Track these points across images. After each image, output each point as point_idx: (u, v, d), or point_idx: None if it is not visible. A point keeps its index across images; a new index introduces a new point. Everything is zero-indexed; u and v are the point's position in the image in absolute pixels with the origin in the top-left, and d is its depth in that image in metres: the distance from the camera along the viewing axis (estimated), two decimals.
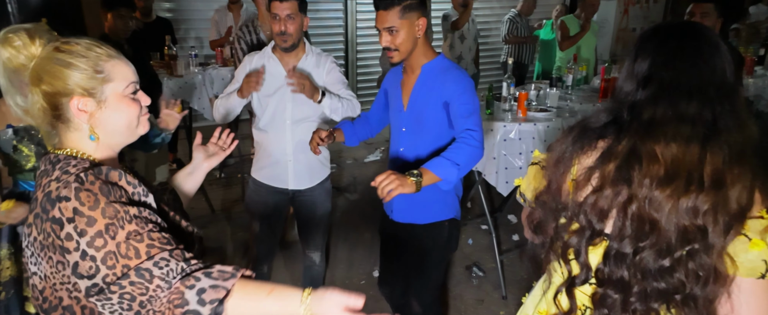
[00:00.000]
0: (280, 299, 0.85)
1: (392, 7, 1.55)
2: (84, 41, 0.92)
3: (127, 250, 0.82)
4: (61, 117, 0.92)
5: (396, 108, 1.76)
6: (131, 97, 0.95)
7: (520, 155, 2.67)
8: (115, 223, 0.82)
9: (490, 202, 3.68)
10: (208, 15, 4.50)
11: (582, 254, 0.94)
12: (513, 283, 2.80)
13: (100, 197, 0.83)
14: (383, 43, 1.60)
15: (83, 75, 0.89)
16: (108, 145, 0.96)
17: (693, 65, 0.89)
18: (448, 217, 1.78)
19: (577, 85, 3.60)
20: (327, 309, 0.84)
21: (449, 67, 1.65)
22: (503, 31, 4.88)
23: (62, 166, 0.89)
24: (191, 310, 0.81)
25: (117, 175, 0.89)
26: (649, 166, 0.86)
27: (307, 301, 0.84)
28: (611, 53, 6.13)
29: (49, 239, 0.84)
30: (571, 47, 4.17)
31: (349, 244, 3.17)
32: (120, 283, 0.80)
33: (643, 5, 6.40)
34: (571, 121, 2.74)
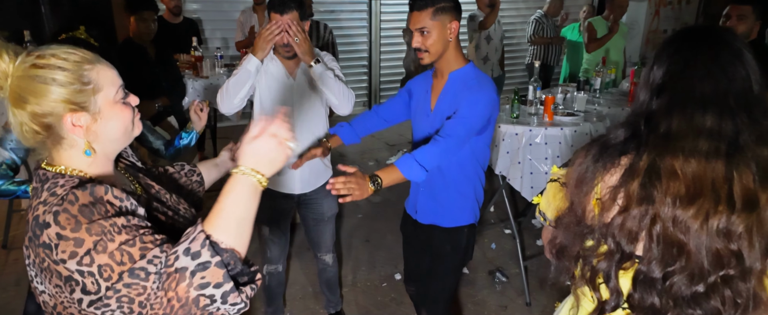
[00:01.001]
0: (233, 192, 0.82)
1: (426, 8, 1.55)
2: (59, 50, 0.85)
3: (122, 256, 0.79)
4: (54, 136, 0.87)
5: (422, 111, 1.75)
6: (123, 102, 0.92)
7: (545, 160, 2.63)
8: (104, 239, 0.79)
9: (514, 207, 3.63)
10: (233, 16, 4.55)
11: (612, 279, 0.89)
12: (537, 289, 2.75)
13: (81, 219, 0.79)
14: (414, 43, 1.60)
15: (71, 89, 0.84)
16: (104, 154, 0.93)
17: (707, 74, 0.85)
18: (468, 222, 1.79)
19: (605, 89, 3.52)
20: (258, 153, 0.82)
21: (475, 77, 1.63)
22: (529, 31, 4.80)
23: (50, 186, 0.85)
24: (196, 268, 0.76)
25: (102, 190, 0.85)
26: (668, 183, 0.81)
27: (244, 169, 0.82)
28: (641, 55, 5.98)
29: (44, 263, 0.83)
30: (598, 49, 4.08)
31: (371, 246, 3.16)
32: (115, 287, 0.78)
33: (674, 6, 6.22)
34: (600, 126, 2.73)
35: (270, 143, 0.83)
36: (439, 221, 1.79)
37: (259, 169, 0.83)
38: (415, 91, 1.82)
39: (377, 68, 6.05)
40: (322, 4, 5.47)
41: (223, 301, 0.77)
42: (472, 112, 1.56)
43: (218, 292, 0.77)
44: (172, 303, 0.76)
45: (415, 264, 2.00)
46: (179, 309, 0.76)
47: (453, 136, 1.53)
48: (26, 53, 0.85)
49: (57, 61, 0.84)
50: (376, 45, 5.92)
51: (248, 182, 0.82)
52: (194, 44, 3.81)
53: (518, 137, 2.62)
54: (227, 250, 0.79)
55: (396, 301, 2.65)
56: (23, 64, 0.84)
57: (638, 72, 3.42)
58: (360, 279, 2.84)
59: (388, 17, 5.85)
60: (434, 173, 1.70)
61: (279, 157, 0.84)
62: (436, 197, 1.76)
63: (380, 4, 5.78)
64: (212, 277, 0.76)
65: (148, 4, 2.75)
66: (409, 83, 1.86)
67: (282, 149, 0.84)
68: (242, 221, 0.82)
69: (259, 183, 0.83)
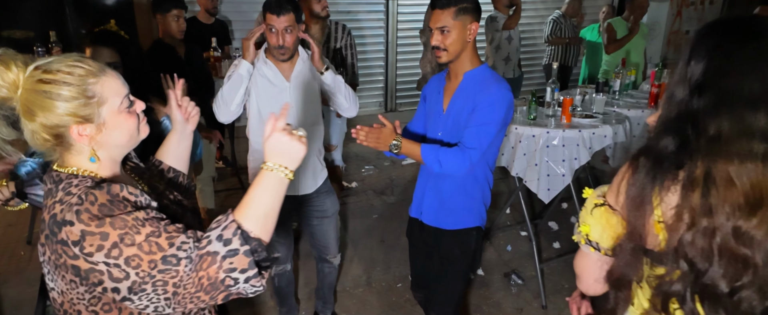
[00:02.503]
0: (261, 186, 0.89)
1: (448, 7, 1.57)
2: (64, 62, 0.89)
3: (150, 247, 0.84)
4: (64, 143, 0.93)
5: (435, 112, 1.76)
6: (127, 111, 0.96)
7: (563, 162, 2.60)
8: (130, 232, 0.84)
9: (531, 209, 3.60)
10: (252, 17, 4.60)
11: (687, 301, 0.83)
12: (554, 292, 2.72)
13: (103, 215, 0.85)
14: (433, 41, 1.62)
15: (76, 103, 0.88)
16: (111, 158, 0.98)
17: (754, 69, 0.78)
18: (475, 224, 1.79)
19: (625, 90, 3.47)
20: (279, 149, 0.90)
21: (489, 77, 1.64)
22: (546, 31, 4.76)
23: (64, 186, 0.90)
24: (226, 253, 0.83)
25: (118, 188, 0.90)
26: (725, 191, 0.75)
27: (270, 165, 0.90)
28: (662, 57, 5.87)
29: (60, 260, 0.87)
30: (618, 51, 4.02)
31: (386, 247, 3.16)
32: (151, 274, 0.84)
33: (697, 7, 6.10)
34: (619, 129, 2.69)
35: (284, 138, 0.90)
36: (445, 223, 1.78)
37: (282, 163, 0.90)
38: (428, 94, 1.83)
39: (393, 69, 6.05)
40: (339, 5, 5.49)
41: (245, 283, 0.86)
42: (491, 118, 1.57)
43: (242, 277, 0.85)
44: (202, 281, 0.84)
45: (422, 269, 1.99)
46: (208, 286, 0.84)
47: (477, 149, 1.58)
48: (34, 66, 0.89)
49: (63, 77, 0.88)
50: (392, 46, 5.92)
51: (275, 177, 0.90)
52: (213, 44, 3.86)
53: (535, 139, 2.60)
54: (255, 239, 0.87)
55: (411, 302, 2.65)
56: (31, 78, 0.88)
57: (659, 74, 3.36)
58: (375, 279, 2.85)
59: (405, 18, 5.85)
60: (443, 175, 1.70)
61: (296, 148, 0.91)
62: (443, 198, 1.76)
63: (397, 5, 5.78)
64: (239, 263, 0.84)
65: (176, 2, 2.80)
66: (424, 89, 1.87)
67: (296, 140, 0.90)
68: (269, 213, 0.90)
69: (286, 177, 0.90)
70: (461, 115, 1.66)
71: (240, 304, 2.54)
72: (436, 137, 1.74)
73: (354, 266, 2.96)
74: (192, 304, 0.86)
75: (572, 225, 3.56)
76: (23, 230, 3.19)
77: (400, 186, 4.10)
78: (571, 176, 2.60)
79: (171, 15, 2.76)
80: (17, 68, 0.88)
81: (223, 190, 3.82)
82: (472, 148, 1.58)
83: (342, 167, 3.38)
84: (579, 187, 3.84)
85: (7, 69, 0.87)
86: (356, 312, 2.58)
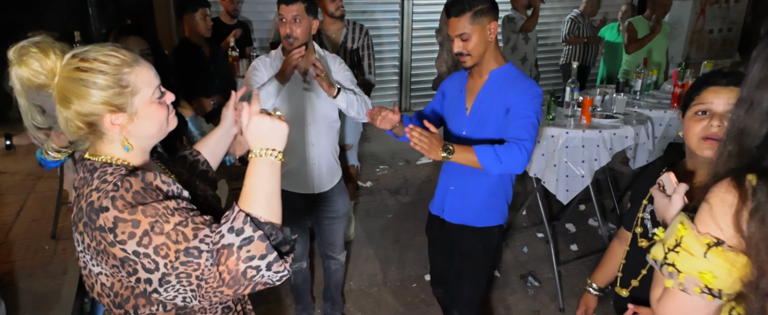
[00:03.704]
0: (256, 174, 0.90)
1: (464, 13, 1.55)
2: (101, 51, 0.90)
3: (177, 236, 0.85)
4: (97, 132, 0.94)
5: (457, 111, 1.75)
6: (158, 102, 0.97)
7: (582, 163, 2.57)
8: (160, 220, 0.85)
9: (548, 210, 3.56)
10: (269, 17, 4.64)
11: None
12: (571, 295, 2.69)
13: (136, 203, 0.86)
14: (456, 49, 1.60)
15: (110, 92, 0.90)
16: (140, 148, 0.99)
17: None
18: (497, 222, 1.79)
19: (646, 90, 3.41)
20: (261, 132, 0.90)
21: (518, 75, 1.64)
22: (563, 31, 4.70)
23: (100, 174, 0.91)
24: (241, 242, 0.83)
25: (152, 176, 0.91)
26: None
27: (257, 151, 0.90)
28: (684, 56, 5.76)
29: (100, 246, 0.89)
30: (638, 50, 3.95)
31: (400, 247, 3.16)
32: (174, 265, 0.84)
33: (722, 5, 5.96)
34: (640, 129, 2.65)
35: (265, 120, 0.90)
36: (468, 221, 1.78)
37: (269, 146, 0.91)
38: (448, 90, 1.82)
39: (408, 69, 6.04)
40: (355, 5, 5.50)
41: (268, 269, 0.85)
42: (532, 112, 1.57)
43: (263, 263, 0.84)
44: (223, 276, 0.84)
45: (442, 266, 1.99)
46: (229, 280, 0.84)
47: (530, 140, 1.52)
48: (71, 54, 0.90)
49: (99, 65, 0.89)
50: (407, 46, 5.91)
51: (266, 161, 0.90)
52: (231, 44, 3.90)
53: (554, 139, 2.57)
54: (266, 223, 0.87)
55: (426, 302, 2.64)
56: (68, 65, 0.90)
57: (682, 73, 3.29)
58: (390, 279, 2.85)
59: (420, 18, 5.83)
60: (468, 173, 1.69)
61: (278, 127, 0.91)
62: (467, 197, 1.76)
63: (412, 5, 5.77)
64: (256, 249, 0.84)
65: (203, 1, 2.87)
66: (442, 84, 1.86)
67: (277, 121, 0.91)
68: (271, 196, 0.90)
69: (276, 158, 0.91)
70: (489, 114, 1.64)
71: (257, 301, 2.56)
72: (460, 136, 1.73)
73: (369, 265, 2.96)
74: (216, 298, 0.87)
75: (590, 227, 3.52)
76: (48, 225, 3.26)
77: (414, 186, 4.09)
78: (590, 177, 2.57)
79: (198, 14, 2.82)
80: (55, 56, 0.89)
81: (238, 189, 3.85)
82: (525, 140, 1.52)
83: (357, 167, 3.39)
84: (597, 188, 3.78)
85: (46, 56, 0.89)
86: (371, 311, 2.59)
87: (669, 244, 0.81)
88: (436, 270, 2.04)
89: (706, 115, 1.06)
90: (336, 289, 2.42)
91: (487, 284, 1.90)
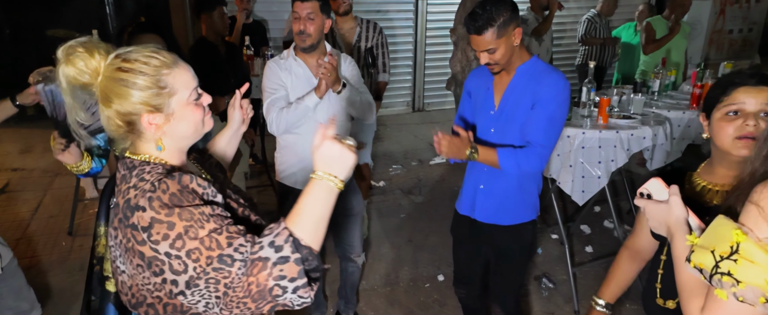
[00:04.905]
0: (311, 195, 0.90)
1: (487, 30, 1.52)
2: (142, 53, 0.93)
3: (211, 243, 0.86)
4: (135, 130, 0.97)
5: (485, 109, 1.73)
6: (195, 103, 0.99)
7: (598, 164, 2.53)
8: (194, 225, 0.86)
9: (563, 211, 3.52)
10: (283, 16, 4.66)
11: None
12: (586, 297, 2.65)
13: (174, 205, 0.87)
14: (483, 61, 1.59)
15: (149, 93, 0.92)
16: (177, 148, 1.01)
17: None
18: (531, 218, 1.77)
19: (664, 91, 3.36)
20: (329, 157, 0.90)
21: (545, 69, 1.62)
22: (580, 31, 4.65)
23: (138, 172, 0.93)
24: (277, 260, 0.84)
25: (188, 179, 0.92)
26: None
27: (320, 174, 0.90)
28: (703, 57, 5.66)
29: (129, 244, 0.90)
30: (656, 51, 3.89)
31: (413, 246, 3.15)
32: (205, 270, 0.85)
33: (742, 5, 5.85)
34: (659, 130, 2.60)
35: (334, 147, 0.91)
36: (501, 220, 1.76)
37: (332, 172, 0.91)
38: (473, 89, 1.80)
39: (422, 68, 6.03)
40: (369, 4, 5.50)
41: (294, 292, 0.85)
42: (557, 112, 1.57)
43: (291, 285, 0.85)
44: (251, 287, 0.84)
45: (467, 266, 1.97)
46: (256, 293, 0.84)
47: (548, 146, 1.58)
48: (115, 54, 0.93)
49: (139, 66, 0.92)
50: (421, 45, 5.90)
51: (325, 186, 0.90)
52: (246, 43, 3.92)
53: (570, 140, 2.54)
54: (306, 247, 0.88)
55: (439, 302, 2.63)
56: (111, 65, 0.92)
57: (701, 74, 3.24)
58: (403, 279, 2.84)
59: (434, 17, 5.82)
60: (498, 171, 1.68)
61: (346, 157, 0.91)
62: (500, 196, 1.75)
63: (427, 4, 5.75)
64: (289, 271, 0.85)
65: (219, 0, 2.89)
66: (467, 84, 1.84)
67: (346, 150, 0.91)
68: (319, 221, 0.91)
69: (335, 186, 0.91)
70: (517, 110, 1.63)
71: None
72: (488, 135, 1.71)
73: (382, 265, 2.95)
74: (238, 310, 0.87)
75: (606, 229, 3.48)
76: (65, 221, 3.31)
77: (427, 185, 4.08)
78: (607, 178, 2.54)
79: (216, 13, 2.84)
80: (100, 56, 0.92)
81: (254, 187, 3.88)
82: (544, 146, 1.57)
83: (370, 165, 3.39)
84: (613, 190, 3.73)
85: (91, 56, 0.92)
86: (384, 311, 2.58)
87: (721, 251, 0.78)
88: (461, 270, 2.02)
89: (738, 115, 1.05)
90: (351, 289, 2.42)
91: (524, 276, 1.92)
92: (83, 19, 5.06)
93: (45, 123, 1.52)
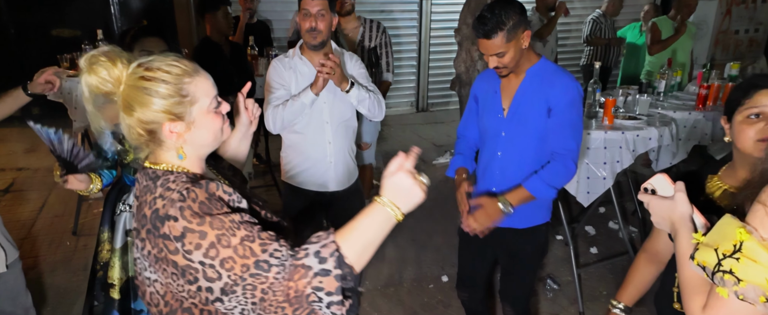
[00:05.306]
0: (369, 218, 0.90)
1: (496, 34, 1.51)
2: (164, 61, 0.94)
3: (244, 251, 0.86)
4: (156, 139, 0.97)
5: (493, 113, 1.71)
6: (215, 111, 0.99)
7: (604, 165, 2.52)
8: (226, 233, 0.87)
9: (568, 212, 3.51)
10: (287, 16, 4.66)
11: None
12: (591, 299, 2.64)
13: (205, 213, 0.88)
14: (491, 65, 1.58)
15: (171, 101, 0.93)
16: (197, 156, 1.02)
17: None
18: (544, 220, 1.77)
19: (669, 92, 3.34)
20: (398, 188, 0.89)
21: (556, 70, 1.61)
22: (585, 31, 4.63)
23: (162, 182, 0.94)
24: (318, 272, 0.85)
25: (215, 186, 0.93)
26: None
27: (385, 200, 0.90)
28: (709, 57, 5.63)
29: (161, 254, 0.90)
30: (661, 51, 3.87)
31: (418, 247, 3.14)
32: (242, 277, 0.86)
33: (748, 5, 5.81)
34: (665, 131, 2.59)
35: (407, 180, 0.90)
36: (515, 224, 1.75)
37: (396, 203, 0.90)
38: (480, 94, 1.78)
39: (426, 68, 6.02)
40: (373, 4, 5.50)
41: (328, 307, 0.86)
42: (576, 116, 1.56)
43: (327, 299, 0.86)
44: (290, 292, 0.86)
45: (471, 269, 1.96)
46: (293, 298, 0.86)
47: (575, 149, 1.58)
48: (137, 63, 0.94)
49: (161, 75, 0.93)
50: (425, 45, 5.89)
51: (385, 212, 0.90)
52: (251, 43, 3.93)
53: None
54: (349, 266, 0.88)
55: (443, 303, 2.62)
56: (134, 74, 0.93)
57: (706, 75, 3.22)
58: (406, 279, 2.83)
59: (438, 17, 5.81)
60: (512, 177, 1.68)
61: (415, 192, 0.91)
62: None
63: (431, 4, 5.74)
64: (328, 284, 0.85)
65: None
66: (473, 89, 1.82)
67: (418, 186, 0.90)
68: (369, 245, 0.91)
69: (395, 216, 0.91)
70: (530, 114, 1.61)
71: None
72: (498, 138, 1.70)
73: (385, 265, 2.95)
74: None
75: (611, 230, 3.46)
76: (69, 221, 3.32)
77: (431, 186, 4.06)
78: (612, 180, 2.52)
79: (220, 12, 2.84)
80: (122, 65, 0.93)
81: (258, 187, 3.88)
82: (570, 151, 1.58)
83: (374, 165, 3.38)
84: (619, 190, 3.72)
85: (114, 65, 0.93)
86: (387, 311, 2.57)
87: (724, 249, 0.77)
88: (465, 272, 2.00)
89: (759, 118, 1.06)
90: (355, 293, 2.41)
91: (536, 276, 1.93)
92: (88, 19, 5.07)
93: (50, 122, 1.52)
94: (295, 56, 2.00)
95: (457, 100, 3.87)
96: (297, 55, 2.00)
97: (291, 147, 2.07)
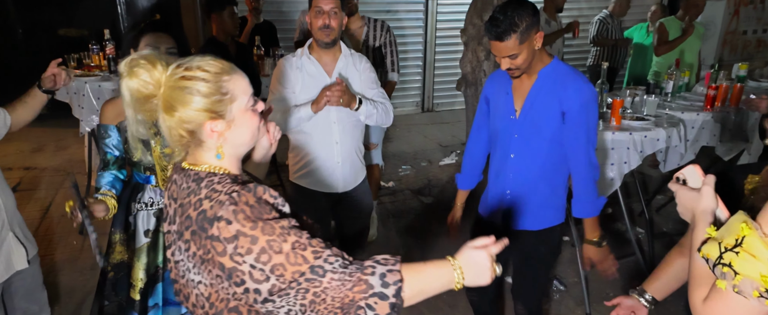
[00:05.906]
0: (437, 270, 0.94)
1: (509, 36, 1.48)
2: (203, 62, 0.95)
3: (296, 258, 0.87)
4: (197, 139, 0.97)
5: (505, 113, 1.69)
6: (252, 109, 1.00)
7: (611, 166, 2.51)
8: (277, 239, 0.87)
9: None
10: (293, 16, 4.67)
11: None
12: (598, 300, 2.62)
13: (257, 217, 0.88)
14: (504, 66, 1.56)
15: (212, 99, 0.93)
16: (235, 155, 1.02)
17: None
18: (559, 221, 1.76)
19: (677, 92, 3.31)
20: (474, 262, 0.94)
21: (569, 73, 1.59)
22: (592, 32, 4.61)
23: (207, 183, 0.94)
24: (377, 293, 0.88)
25: (262, 190, 0.93)
26: None
27: (457, 264, 0.94)
28: (717, 58, 5.59)
29: (208, 255, 0.90)
30: (668, 52, 3.85)
31: (423, 247, 3.13)
32: (297, 280, 0.87)
33: (756, 6, 5.77)
34: (673, 132, 2.57)
35: (486, 261, 0.94)
36: (528, 226, 1.74)
37: (464, 272, 0.94)
38: (492, 95, 1.76)
39: (432, 69, 6.01)
40: (378, 4, 5.50)
41: None
42: (593, 118, 1.58)
43: None
44: (345, 299, 0.89)
45: None
46: (347, 305, 0.89)
47: (592, 150, 1.62)
48: (176, 64, 0.95)
49: (201, 73, 0.93)
50: (431, 45, 5.88)
51: (450, 275, 0.94)
52: (257, 43, 3.93)
53: None
54: (402, 299, 0.91)
55: (449, 304, 2.61)
56: (173, 75, 0.94)
57: (715, 75, 3.19)
58: None
59: (444, 17, 5.80)
60: (527, 179, 1.68)
61: (484, 273, 0.95)
62: (526, 201, 1.73)
63: (437, 4, 5.74)
64: (381, 309, 0.88)
65: None
66: (484, 90, 1.80)
67: (489, 270, 0.95)
68: (423, 292, 0.94)
69: (457, 282, 0.94)
70: (543, 117, 1.60)
71: None
72: (511, 140, 1.68)
73: None
74: None
75: (618, 231, 3.43)
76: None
77: (437, 186, 4.06)
78: (620, 181, 2.51)
79: (226, 12, 2.85)
80: (161, 67, 0.94)
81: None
82: (590, 153, 1.62)
83: (381, 166, 3.37)
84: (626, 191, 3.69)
85: (154, 67, 0.94)
86: None
87: (727, 243, 0.78)
88: None
89: None
90: None
91: (548, 275, 1.95)
92: (95, 19, 5.09)
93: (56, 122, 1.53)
94: (303, 56, 2.00)
95: (463, 100, 3.86)
96: (305, 54, 2.00)
97: (298, 147, 2.07)
